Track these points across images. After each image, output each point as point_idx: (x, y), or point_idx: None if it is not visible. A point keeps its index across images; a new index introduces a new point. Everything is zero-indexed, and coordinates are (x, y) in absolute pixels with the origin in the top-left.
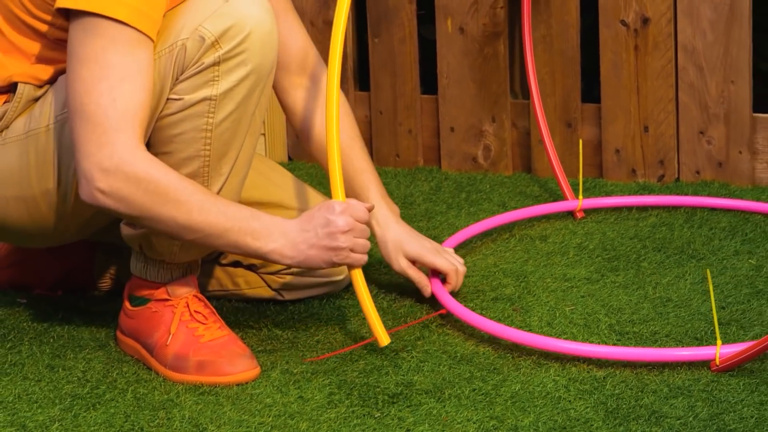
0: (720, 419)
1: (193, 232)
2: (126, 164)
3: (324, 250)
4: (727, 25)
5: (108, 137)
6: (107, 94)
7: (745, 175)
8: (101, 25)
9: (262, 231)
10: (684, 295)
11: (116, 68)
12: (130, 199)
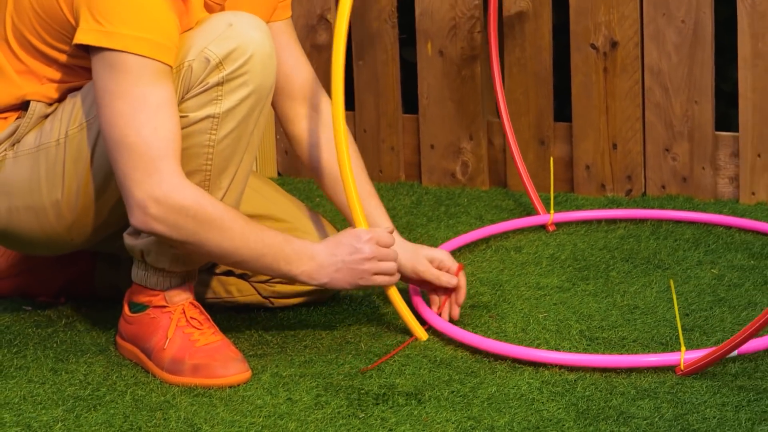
0: (684, 420)
1: (233, 256)
2: (176, 193)
3: (350, 274)
4: (691, 48)
5: (155, 165)
6: (147, 125)
7: (708, 190)
8: (126, 60)
9: (293, 256)
10: (650, 303)
11: (149, 100)
12: (180, 225)
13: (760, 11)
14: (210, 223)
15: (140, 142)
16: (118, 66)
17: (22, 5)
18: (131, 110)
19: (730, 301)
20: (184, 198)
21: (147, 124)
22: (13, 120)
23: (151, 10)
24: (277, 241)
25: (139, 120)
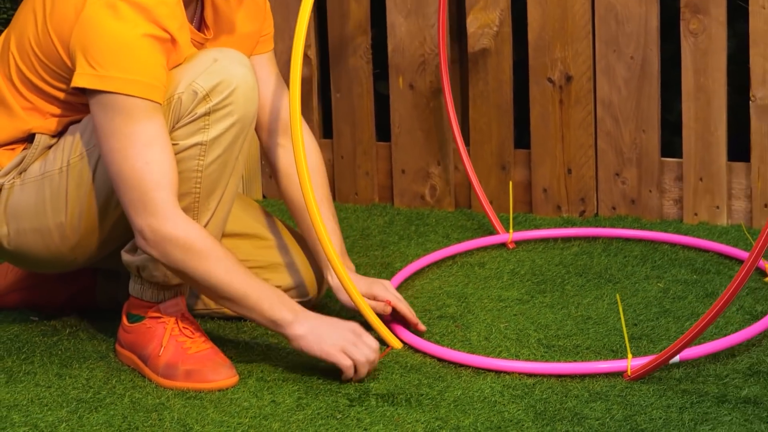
0: (633, 420)
1: (219, 290)
2: (168, 223)
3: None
4: (639, 82)
5: (150, 196)
6: (140, 159)
7: (654, 211)
8: (118, 101)
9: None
10: (602, 314)
11: (141, 136)
12: (169, 254)
13: (702, 49)
14: (197, 255)
15: (134, 175)
16: (111, 106)
17: (24, 49)
18: (125, 147)
19: (675, 312)
20: (175, 228)
21: (140, 159)
22: (19, 151)
23: (140, 53)
24: (263, 287)
25: (133, 156)
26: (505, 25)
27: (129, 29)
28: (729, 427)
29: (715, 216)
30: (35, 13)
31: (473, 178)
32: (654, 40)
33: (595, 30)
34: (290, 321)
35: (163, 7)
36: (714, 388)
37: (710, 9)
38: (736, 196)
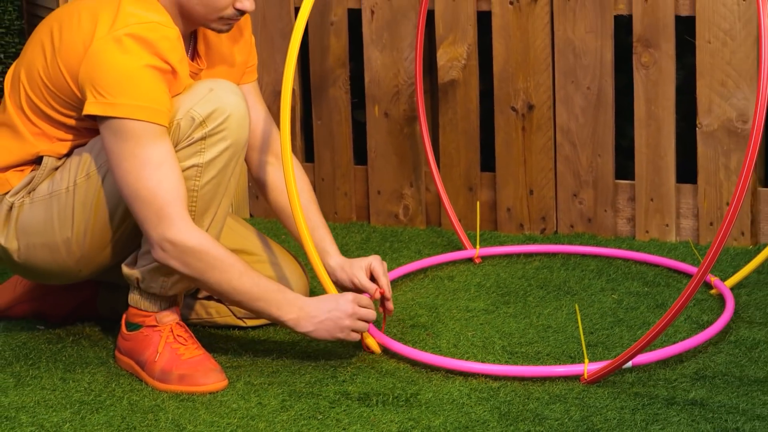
0: (589, 420)
1: (232, 295)
2: (183, 235)
3: (332, 327)
4: (595, 110)
5: (164, 212)
6: (153, 179)
7: (609, 229)
8: (128, 125)
9: (284, 303)
10: (561, 323)
11: (152, 158)
12: (188, 263)
13: (653, 80)
14: (211, 264)
15: (148, 194)
16: (122, 131)
17: (34, 80)
18: (137, 168)
19: (628, 322)
20: (190, 239)
21: (152, 179)
22: (28, 172)
23: (144, 82)
24: (270, 289)
25: (145, 176)
26: (472, 58)
27: (134, 61)
28: (677, 427)
29: (665, 233)
30: (43, 47)
31: (443, 198)
32: (609, 72)
33: (554, 63)
34: (295, 321)
35: (165, 41)
36: (664, 391)
37: (660, 43)
38: (684, 215)
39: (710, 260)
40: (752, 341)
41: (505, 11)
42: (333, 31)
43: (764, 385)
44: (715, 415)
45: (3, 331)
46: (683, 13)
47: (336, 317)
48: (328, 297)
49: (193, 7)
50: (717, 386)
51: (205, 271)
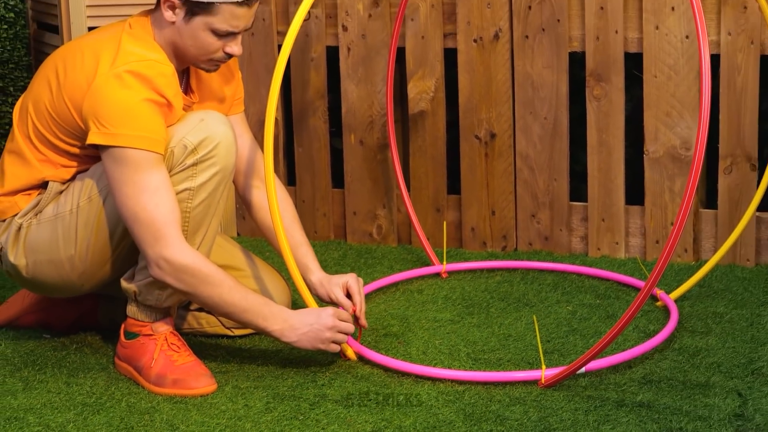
0: (546, 421)
1: (223, 308)
2: (178, 254)
3: (313, 338)
4: (552, 138)
5: (161, 233)
6: (150, 202)
7: (564, 246)
8: (128, 154)
9: (270, 316)
10: (520, 332)
11: (149, 183)
12: (182, 279)
13: (604, 110)
14: (203, 280)
15: (146, 216)
16: (122, 159)
17: (41, 112)
18: (136, 192)
19: (581, 331)
20: (184, 258)
21: (150, 202)
22: (35, 196)
23: (143, 114)
24: (257, 302)
25: (143, 200)
26: (440, 91)
27: (133, 95)
28: (626, 427)
29: (615, 250)
30: (49, 82)
31: (413, 218)
32: (564, 104)
33: (514, 95)
34: (280, 332)
35: (162, 78)
36: (614, 394)
37: (611, 77)
38: (632, 234)
39: (656, 276)
40: (694, 349)
41: (470, 48)
42: (313, 66)
43: (705, 389)
44: (661, 416)
45: (12, 340)
46: (632, 50)
47: (317, 330)
48: (311, 311)
49: (186, 48)
50: (662, 390)
51: (197, 286)
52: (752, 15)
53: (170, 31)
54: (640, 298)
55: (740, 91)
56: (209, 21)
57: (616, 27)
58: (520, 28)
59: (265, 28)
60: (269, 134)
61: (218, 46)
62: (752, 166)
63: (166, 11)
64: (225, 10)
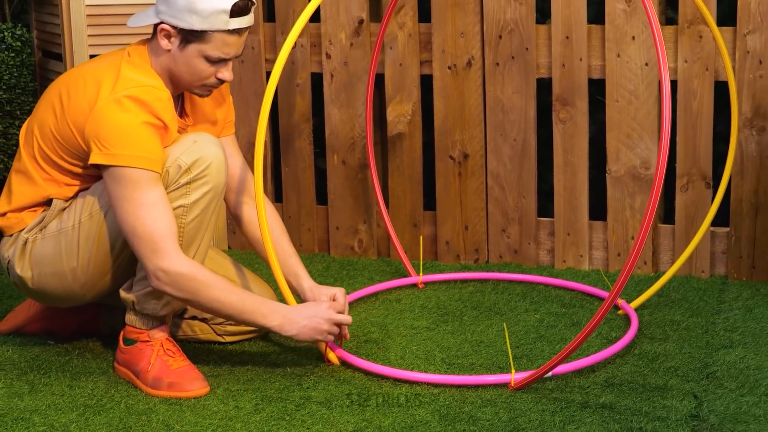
0: (515, 421)
1: (223, 311)
2: (175, 264)
3: (312, 331)
4: (520, 159)
5: (158, 246)
6: (148, 218)
7: (532, 259)
8: (128, 173)
9: (268, 313)
10: (491, 339)
11: (147, 200)
12: (181, 287)
13: (569, 133)
14: (202, 285)
15: (144, 231)
16: (122, 177)
17: (46, 134)
18: (135, 209)
19: (548, 338)
20: (182, 268)
21: (147, 218)
22: (40, 212)
23: (141, 136)
24: (255, 301)
25: (142, 215)
26: (416, 114)
27: (132, 118)
28: (590, 426)
29: (579, 263)
30: (54, 106)
31: (392, 233)
32: (532, 127)
33: (486, 118)
34: (279, 326)
35: (159, 102)
36: (578, 396)
37: (576, 102)
38: (595, 248)
39: (619, 287)
40: (653, 354)
41: (444, 75)
42: (299, 92)
43: (663, 392)
44: (622, 416)
45: (19, 346)
46: (595, 77)
47: (317, 322)
48: (308, 304)
49: (181, 75)
50: (624, 392)
51: (196, 293)
52: (707, 44)
53: (166, 58)
54: (604, 307)
55: (696, 114)
56: (202, 48)
57: (581, 55)
58: (491, 56)
59: (254, 56)
60: (259, 154)
61: (211, 72)
62: (707, 184)
63: (162, 40)
64: (217, 38)
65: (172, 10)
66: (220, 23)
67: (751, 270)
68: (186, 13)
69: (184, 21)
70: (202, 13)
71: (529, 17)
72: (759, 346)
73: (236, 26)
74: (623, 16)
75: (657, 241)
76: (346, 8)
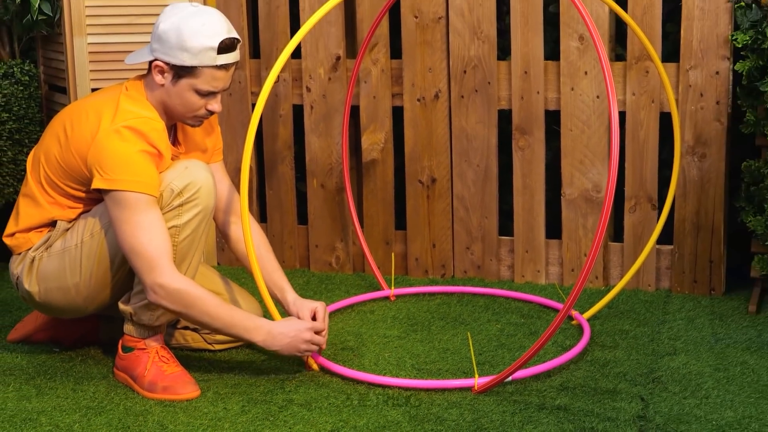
0: (479, 422)
1: (212, 324)
2: (170, 281)
3: (291, 348)
4: (483, 183)
5: (155, 263)
6: (145, 238)
7: (494, 274)
8: (126, 196)
9: (253, 328)
10: (457, 347)
11: (144, 222)
12: (176, 302)
13: (527, 159)
14: (194, 302)
15: (142, 249)
16: (121, 200)
17: (51, 161)
18: (133, 229)
19: (508, 345)
20: (175, 283)
21: (144, 238)
22: (46, 232)
23: (139, 163)
24: (242, 317)
25: (139, 235)
26: (389, 142)
27: (130, 147)
28: (546, 426)
29: (537, 277)
30: (58, 137)
31: (366, 250)
32: (493, 153)
33: (452, 146)
34: (263, 342)
35: (154, 132)
36: (536, 399)
37: (533, 131)
38: (551, 263)
39: (572, 300)
40: (604, 360)
41: (414, 106)
42: (281, 122)
43: (613, 395)
44: (576, 417)
45: (27, 353)
46: (551, 108)
47: (298, 340)
48: (291, 323)
49: (174, 107)
50: (577, 395)
51: (189, 307)
52: (653, 78)
53: (160, 92)
54: (559, 318)
55: (643, 142)
56: (193, 82)
57: (538, 88)
58: (456, 89)
59: (241, 89)
60: (244, 179)
61: (201, 104)
62: (653, 206)
63: (156, 75)
64: (206, 73)
65: (164, 48)
66: (208, 59)
67: (693, 284)
68: (177, 50)
69: (176, 58)
70: (192, 50)
71: (491, 54)
72: (700, 353)
73: (223, 62)
74: (576, 53)
75: (607, 257)
76: (324, 46)
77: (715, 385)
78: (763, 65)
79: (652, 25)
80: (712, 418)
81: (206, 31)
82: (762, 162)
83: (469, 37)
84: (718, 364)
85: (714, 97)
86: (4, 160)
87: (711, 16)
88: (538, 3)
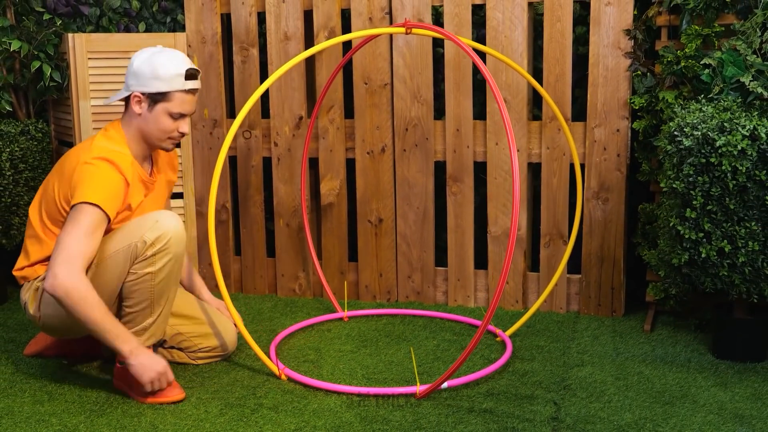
0: (418, 422)
1: (89, 326)
2: (74, 277)
3: (143, 372)
4: (422, 223)
5: (72, 259)
6: (77, 238)
7: (431, 298)
8: (86, 207)
9: (126, 340)
10: (401, 359)
11: (86, 230)
12: (67, 294)
13: (459, 202)
14: (83, 300)
15: (70, 245)
16: (80, 209)
17: (48, 202)
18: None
19: (443, 358)
20: (78, 281)
21: (78, 240)
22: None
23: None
24: (117, 327)
25: (76, 237)
26: (343, 188)
27: (100, 172)
28: (475, 426)
29: (467, 301)
30: (54, 184)
31: (323, 279)
32: (431, 198)
33: (396, 191)
34: (127, 354)
35: (124, 162)
36: (466, 403)
37: (464, 179)
38: (479, 290)
39: (487, 319)
40: (523, 371)
41: (364, 158)
42: (253, 171)
43: (531, 400)
44: (500, 418)
45: (40, 365)
46: (479, 160)
47: (154, 372)
48: (157, 359)
49: (150, 132)
50: (501, 400)
51: (76, 304)
52: (564, 135)
53: (138, 121)
54: (478, 334)
55: (555, 188)
56: (167, 106)
57: (468, 143)
58: (399, 144)
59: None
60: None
61: (174, 126)
62: (564, 241)
63: (135, 106)
64: (177, 96)
65: (140, 81)
66: (178, 84)
67: (598, 307)
68: (152, 80)
69: (151, 86)
70: (164, 78)
71: (429, 115)
72: (603, 365)
73: (191, 86)
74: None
75: (526, 285)
76: (289, 107)
77: (616, 391)
78: (656, 124)
79: (564, 90)
80: (614, 419)
81: (174, 63)
82: (655, 205)
83: (410, 101)
84: (619, 374)
85: (615, 151)
86: (21, 203)
87: (613, 83)
88: (468, 72)
